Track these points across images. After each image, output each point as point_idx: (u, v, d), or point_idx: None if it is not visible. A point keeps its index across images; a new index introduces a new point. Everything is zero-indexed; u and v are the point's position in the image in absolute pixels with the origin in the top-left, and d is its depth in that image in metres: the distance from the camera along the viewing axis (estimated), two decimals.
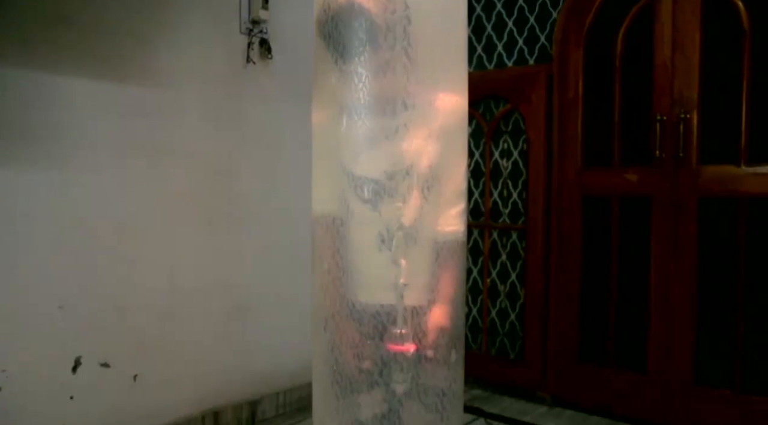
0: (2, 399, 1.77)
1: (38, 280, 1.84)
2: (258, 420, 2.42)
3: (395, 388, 1.13)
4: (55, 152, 1.87)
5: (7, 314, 1.78)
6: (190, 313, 2.22)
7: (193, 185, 2.23)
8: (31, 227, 1.83)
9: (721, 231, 2.28)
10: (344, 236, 1.09)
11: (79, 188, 1.93)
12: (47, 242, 1.86)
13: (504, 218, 2.83)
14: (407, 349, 1.14)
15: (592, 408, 2.55)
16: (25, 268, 1.82)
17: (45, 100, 1.84)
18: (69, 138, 1.90)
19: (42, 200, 1.85)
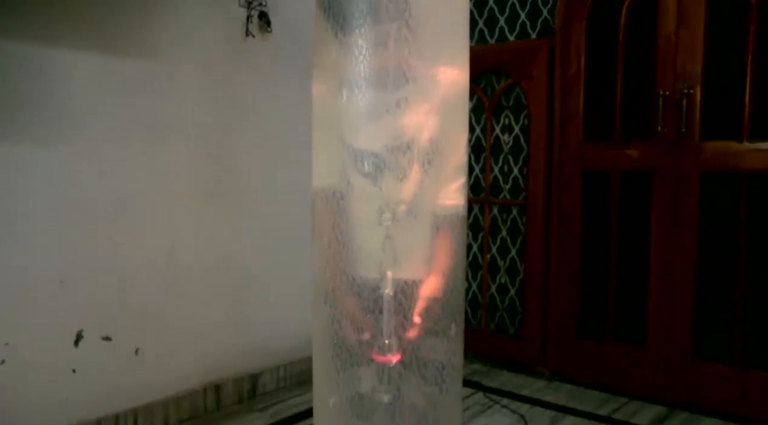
0: (5, 371, 1.78)
1: (39, 255, 1.84)
2: (259, 393, 2.45)
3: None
4: (52, 127, 1.86)
5: (8, 288, 1.79)
6: (191, 288, 2.23)
7: (192, 159, 2.22)
8: (30, 202, 1.82)
9: (722, 207, 2.28)
10: (344, 210, 1.09)
11: (78, 163, 1.92)
12: (47, 217, 1.86)
13: (504, 193, 2.83)
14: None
15: (590, 382, 2.57)
16: (26, 243, 1.82)
17: (42, 75, 1.83)
18: (67, 113, 1.89)
19: (41, 175, 1.84)
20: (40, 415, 1.86)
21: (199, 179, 2.25)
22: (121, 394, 2.04)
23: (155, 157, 2.11)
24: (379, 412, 1.10)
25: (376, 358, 1.14)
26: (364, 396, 1.10)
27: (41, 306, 1.85)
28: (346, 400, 1.11)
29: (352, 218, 1.09)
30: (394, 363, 1.13)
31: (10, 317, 1.79)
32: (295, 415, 2.25)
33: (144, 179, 2.08)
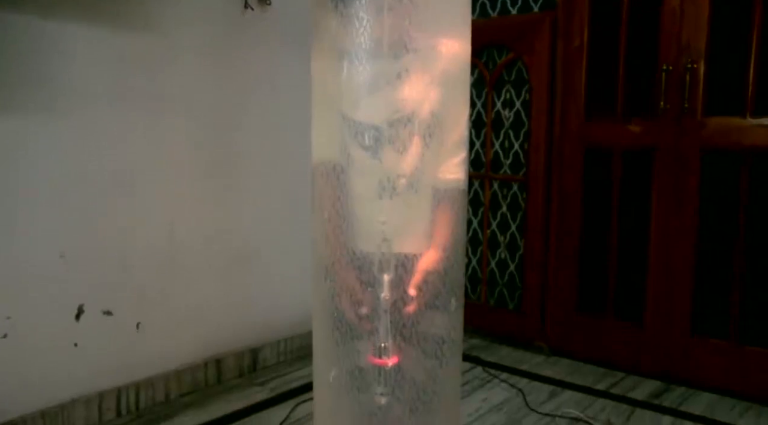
0: (8, 345, 1.79)
1: (39, 229, 1.84)
2: (259, 368, 2.47)
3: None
4: (50, 101, 1.85)
5: (9, 262, 1.79)
6: (191, 262, 2.23)
7: (192, 134, 2.20)
8: (29, 176, 1.81)
9: (724, 184, 2.27)
10: (344, 184, 1.08)
11: (76, 137, 1.91)
12: (46, 191, 1.85)
13: (505, 169, 2.82)
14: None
15: (588, 357, 2.59)
16: (26, 217, 1.81)
17: (39, 48, 1.80)
18: (64, 87, 1.87)
19: (40, 149, 1.83)
20: (42, 388, 1.87)
21: (199, 153, 2.23)
22: (122, 368, 2.06)
23: (154, 131, 2.10)
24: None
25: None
26: (364, 369, 1.10)
27: (42, 281, 1.85)
28: (345, 373, 1.12)
29: (352, 192, 1.08)
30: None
31: (11, 291, 1.79)
32: (296, 389, 2.27)
33: (144, 154, 2.07)
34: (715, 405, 2.19)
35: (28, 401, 1.84)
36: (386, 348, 1.13)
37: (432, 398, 1.14)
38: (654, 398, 2.25)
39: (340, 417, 1.16)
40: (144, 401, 2.10)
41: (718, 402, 2.21)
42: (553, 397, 2.25)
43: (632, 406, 2.17)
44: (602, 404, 2.19)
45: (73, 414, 1.92)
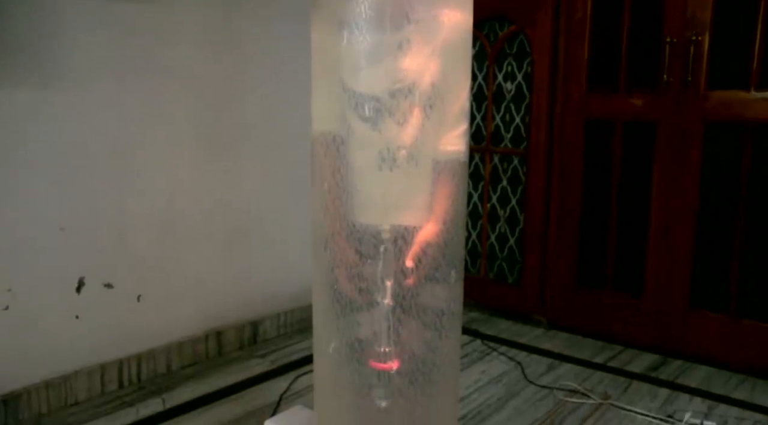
0: (10, 317, 1.80)
1: (38, 202, 1.84)
2: (260, 340, 2.48)
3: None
4: (47, 72, 1.83)
5: (9, 235, 1.78)
6: (191, 235, 2.23)
7: (191, 106, 2.19)
8: (28, 149, 1.80)
9: (726, 158, 2.26)
10: (344, 156, 1.07)
11: (75, 109, 1.89)
12: (45, 164, 1.84)
13: (506, 142, 2.80)
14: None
15: (587, 331, 2.60)
16: (25, 190, 1.81)
17: (34, 17, 1.78)
18: (62, 59, 1.85)
19: (39, 122, 1.82)
20: (44, 360, 1.89)
21: (198, 124, 2.22)
22: (123, 340, 2.07)
23: (154, 103, 2.08)
24: (378, 357, 1.11)
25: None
26: (364, 340, 1.11)
27: (42, 253, 1.85)
28: (345, 345, 1.12)
29: (352, 163, 1.07)
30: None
31: (11, 264, 1.79)
32: (296, 361, 2.29)
33: (143, 126, 2.06)
34: (712, 378, 2.21)
35: (31, 372, 1.86)
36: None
37: (431, 369, 1.15)
38: (651, 371, 2.27)
39: (340, 389, 1.16)
40: (145, 372, 2.12)
41: (714, 375, 2.24)
42: (552, 370, 2.27)
43: (629, 379, 2.19)
44: (600, 377, 2.21)
45: (75, 385, 1.94)
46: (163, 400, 1.98)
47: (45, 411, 1.88)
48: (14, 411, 1.81)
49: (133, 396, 2.00)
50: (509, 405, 1.99)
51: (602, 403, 2.00)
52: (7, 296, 1.79)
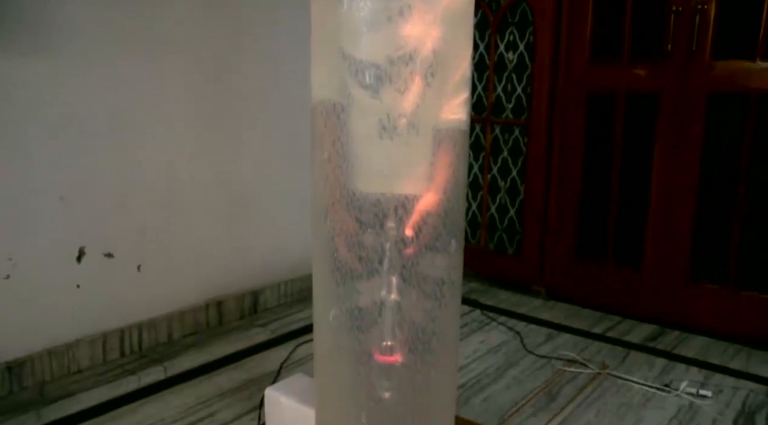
0: (11, 285, 1.81)
1: (37, 171, 1.83)
2: (260, 310, 2.50)
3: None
4: (45, 42, 1.80)
5: (8, 203, 1.78)
6: (191, 206, 2.23)
7: (189, 75, 2.16)
8: (26, 118, 1.79)
9: (728, 130, 2.25)
10: (344, 124, 1.06)
11: (73, 78, 1.87)
12: (44, 133, 1.83)
13: (507, 113, 2.78)
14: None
15: (586, 301, 2.62)
16: (23, 159, 1.80)
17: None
18: (59, 27, 1.82)
19: (36, 91, 1.80)
20: (46, 329, 1.90)
21: (197, 95, 2.20)
22: (124, 309, 2.08)
23: (152, 73, 2.06)
24: (378, 326, 1.11)
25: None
26: (364, 309, 1.11)
27: (42, 222, 1.85)
28: (345, 313, 1.13)
29: (352, 132, 1.06)
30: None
31: (11, 233, 1.79)
32: (296, 330, 2.31)
33: (141, 95, 2.04)
34: (708, 348, 2.23)
35: (34, 340, 1.87)
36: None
37: (431, 338, 1.15)
38: (649, 341, 2.29)
39: (340, 356, 1.17)
40: (147, 341, 2.14)
41: (711, 346, 2.25)
42: (550, 340, 2.29)
43: (627, 349, 2.21)
44: (598, 347, 2.23)
45: (78, 354, 1.96)
46: (165, 368, 2.00)
47: (48, 379, 1.90)
48: (18, 378, 1.83)
49: (134, 365, 2.02)
50: (508, 374, 2.01)
51: (600, 373, 2.02)
52: (7, 265, 1.79)
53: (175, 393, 1.85)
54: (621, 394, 1.88)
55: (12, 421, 1.68)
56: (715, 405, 1.82)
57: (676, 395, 1.87)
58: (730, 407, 1.82)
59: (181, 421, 1.69)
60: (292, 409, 1.43)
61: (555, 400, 1.84)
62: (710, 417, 1.75)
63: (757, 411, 1.80)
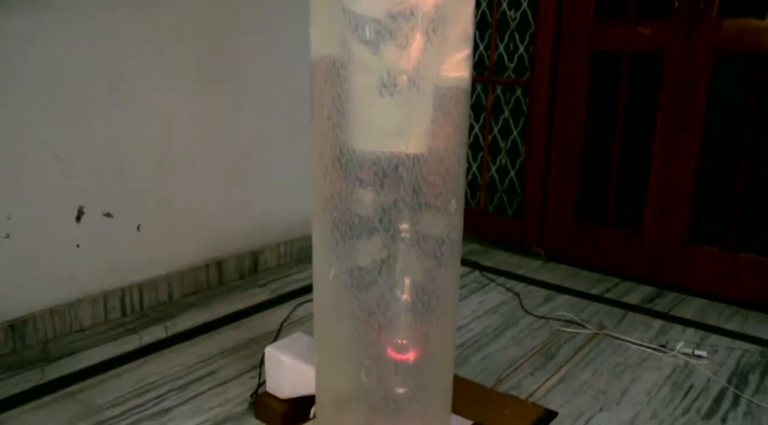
0: (11, 245, 1.81)
1: (35, 130, 1.81)
2: (260, 270, 2.51)
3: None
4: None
5: (5, 163, 1.77)
6: (190, 165, 2.22)
7: (187, 37, 2.12)
8: (21, 76, 1.76)
9: (732, 91, 2.22)
10: (344, 81, 1.04)
11: (68, 38, 1.84)
12: (38, 92, 1.80)
13: (509, 72, 2.74)
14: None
15: (585, 263, 2.63)
16: (19, 118, 1.78)
17: None
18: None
19: (31, 50, 1.76)
20: (47, 288, 1.91)
21: (195, 55, 2.16)
22: (125, 269, 2.09)
23: (147, 35, 2.02)
24: (377, 284, 1.11)
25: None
26: (363, 268, 1.11)
27: (39, 182, 1.84)
28: (345, 272, 1.12)
29: (352, 89, 1.05)
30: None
31: (9, 193, 1.79)
32: (296, 290, 2.32)
33: (138, 56, 2.01)
34: (705, 310, 2.25)
35: (36, 299, 1.89)
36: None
37: (430, 297, 1.15)
38: (646, 302, 2.31)
39: (340, 315, 1.18)
40: (148, 301, 2.15)
41: (707, 307, 2.27)
42: (549, 301, 2.30)
43: (625, 310, 2.23)
44: (596, 308, 2.25)
45: (80, 312, 1.97)
46: (166, 327, 2.02)
47: (51, 337, 1.91)
48: (21, 337, 1.85)
49: (136, 324, 2.04)
50: (506, 334, 2.03)
51: (597, 333, 2.04)
52: (7, 225, 1.79)
53: (176, 351, 1.87)
54: (618, 354, 1.90)
55: (17, 378, 1.70)
56: (710, 364, 1.84)
57: (672, 355, 1.89)
58: (724, 367, 1.84)
59: (182, 379, 1.71)
60: (292, 367, 1.44)
61: (552, 359, 1.86)
62: (705, 377, 1.77)
63: (750, 370, 1.82)
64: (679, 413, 1.60)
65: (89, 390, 1.65)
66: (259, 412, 1.52)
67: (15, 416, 1.53)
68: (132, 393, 1.64)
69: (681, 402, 1.65)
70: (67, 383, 1.68)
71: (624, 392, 1.69)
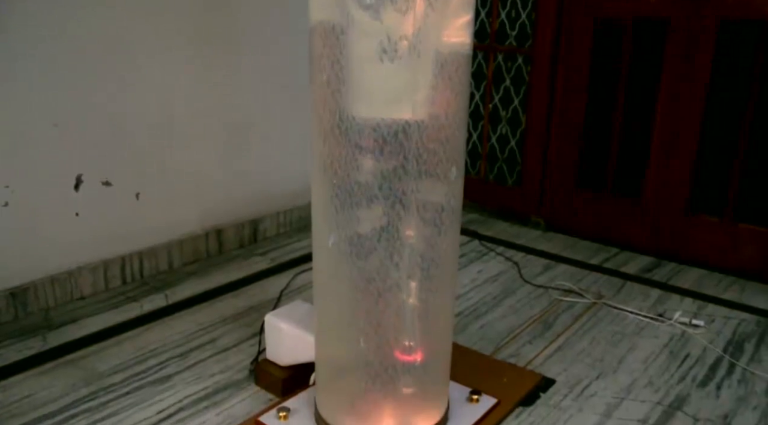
0: (10, 213, 1.80)
1: (31, 96, 1.79)
2: (260, 238, 2.51)
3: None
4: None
5: (4, 130, 1.75)
6: (189, 133, 2.20)
7: (184, 1, 2.09)
8: (15, 41, 1.73)
9: (738, 60, 2.19)
10: (344, 46, 1.03)
11: (63, 3, 1.80)
12: (34, 57, 1.78)
13: (510, 40, 2.71)
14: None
15: (584, 233, 2.63)
16: (14, 84, 1.75)
17: None
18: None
19: (24, 13, 1.73)
20: (46, 257, 1.91)
21: (192, 20, 2.13)
22: (124, 237, 2.09)
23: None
24: (377, 252, 1.12)
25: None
26: (363, 235, 1.11)
27: (37, 150, 1.83)
28: (344, 240, 1.12)
29: (351, 54, 1.03)
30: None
31: (7, 160, 1.78)
32: (295, 259, 2.33)
33: (134, 20, 1.97)
34: (703, 280, 2.25)
35: (35, 267, 1.89)
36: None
37: (430, 265, 1.16)
38: (645, 272, 2.31)
39: (339, 283, 1.18)
40: (148, 269, 2.16)
41: (706, 277, 2.28)
42: (548, 270, 2.31)
43: (623, 280, 2.24)
44: (595, 277, 2.25)
45: (80, 281, 1.98)
46: (166, 296, 2.02)
47: (52, 305, 1.92)
48: (23, 304, 1.86)
49: (136, 292, 2.05)
50: (505, 303, 2.04)
51: (595, 302, 2.05)
52: (5, 192, 1.79)
53: (177, 319, 1.88)
54: (615, 323, 1.91)
55: (19, 345, 1.71)
56: (706, 333, 1.86)
57: (670, 324, 1.90)
58: (720, 335, 1.85)
59: (183, 346, 1.73)
60: (291, 335, 1.45)
61: (551, 328, 1.88)
62: (701, 346, 1.79)
63: (746, 339, 1.83)
64: (674, 381, 1.61)
65: (91, 357, 1.67)
66: (259, 379, 1.53)
67: (19, 381, 1.55)
68: (133, 360, 1.65)
69: (677, 370, 1.67)
70: (69, 350, 1.70)
71: (621, 360, 1.71)
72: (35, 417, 1.41)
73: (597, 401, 1.52)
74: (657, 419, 1.45)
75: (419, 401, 1.26)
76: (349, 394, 1.25)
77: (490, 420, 1.40)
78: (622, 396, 1.54)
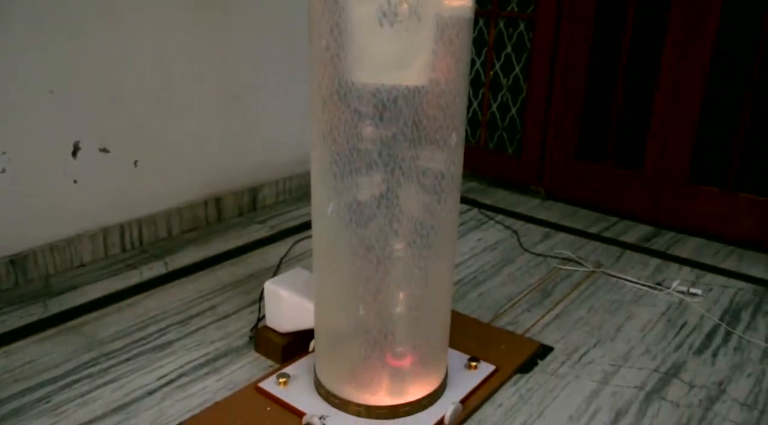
0: (7, 180, 1.79)
1: (24, 63, 1.76)
2: (259, 206, 2.51)
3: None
4: None
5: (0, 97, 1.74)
6: (186, 101, 2.18)
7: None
8: (11, 8, 1.70)
9: (743, 29, 2.16)
10: (343, 9, 1.00)
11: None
12: (27, 23, 1.75)
13: (512, 6, 2.66)
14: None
15: (584, 202, 2.62)
16: (8, 50, 1.73)
17: None
18: None
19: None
20: (46, 223, 1.91)
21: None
22: (123, 205, 2.08)
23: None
24: (376, 219, 1.11)
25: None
26: (363, 202, 1.10)
27: (33, 117, 1.81)
28: (344, 207, 1.12)
29: (351, 18, 1.01)
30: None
31: (4, 126, 1.76)
32: (295, 227, 2.32)
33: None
34: (702, 249, 2.26)
35: (35, 235, 1.89)
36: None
37: (429, 232, 1.15)
38: (644, 242, 2.32)
39: (338, 250, 1.18)
40: (147, 237, 2.16)
41: (705, 247, 2.28)
42: (547, 239, 2.31)
43: (622, 249, 2.24)
44: (594, 246, 2.26)
45: (79, 248, 1.98)
46: (166, 263, 2.03)
47: (52, 272, 1.93)
48: (23, 271, 1.86)
49: (136, 259, 2.05)
50: (504, 271, 2.04)
51: (594, 271, 2.05)
52: (2, 159, 1.77)
53: (177, 286, 1.89)
54: (614, 292, 1.92)
55: (20, 312, 1.72)
56: (704, 302, 1.87)
57: (668, 293, 1.91)
58: (718, 304, 1.86)
59: (183, 313, 1.74)
60: (291, 302, 1.46)
61: (549, 296, 1.89)
62: (698, 314, 1.80)
63: (743, 308, 1.84)
64: (671, 348, 1.63)
65: (92, 323, 1.68)
66: (259, 346, 1.55)
67: (21, 348, 1.56)
68: (134, 327, 1.66)
69: (674, 338, 1.68)
70: (69, 317, 1.71)
71: (619, 328, 1.72)
72: (38, 381, 1.43)
73: (594, 368, 1.53)
74: (653, 386, 1.47)
75: (418, 368, 1.27)
76: (349, 361, 1.26)
77: (489, 386, 1.41)
78: (620, 364, 1.55)
